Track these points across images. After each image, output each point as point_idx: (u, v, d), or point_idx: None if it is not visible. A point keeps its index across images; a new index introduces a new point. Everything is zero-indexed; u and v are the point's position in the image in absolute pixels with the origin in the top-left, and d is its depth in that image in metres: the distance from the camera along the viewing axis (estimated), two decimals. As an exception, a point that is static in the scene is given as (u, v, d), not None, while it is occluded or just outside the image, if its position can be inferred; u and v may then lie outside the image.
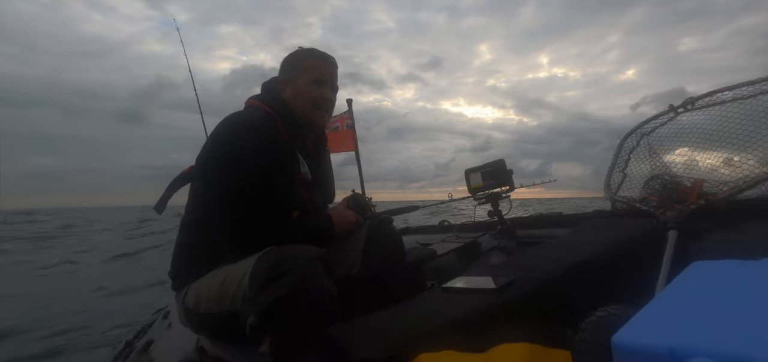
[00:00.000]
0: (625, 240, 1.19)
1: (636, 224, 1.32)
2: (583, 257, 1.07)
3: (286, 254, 0.89)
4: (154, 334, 1.72)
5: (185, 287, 1.09)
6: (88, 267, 7.41)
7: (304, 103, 1.19)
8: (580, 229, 1.47)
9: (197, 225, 1.12)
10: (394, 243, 1.30)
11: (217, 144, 1.08)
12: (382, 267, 1.23)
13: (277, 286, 0.84)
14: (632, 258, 1.13)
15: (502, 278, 1.00)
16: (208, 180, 1.07)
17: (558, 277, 0.99)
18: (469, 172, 2.07)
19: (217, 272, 1.02)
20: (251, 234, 1.02)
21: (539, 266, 1.06)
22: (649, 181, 1.64)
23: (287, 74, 1.22)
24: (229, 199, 1.02)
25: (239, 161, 1.03)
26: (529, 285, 0.95)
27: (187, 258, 1.12)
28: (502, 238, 1.93)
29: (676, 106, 1.69)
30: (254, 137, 1.06)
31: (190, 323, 1.12)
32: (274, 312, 0.83)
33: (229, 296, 0.97)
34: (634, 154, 1.80)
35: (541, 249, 1.35)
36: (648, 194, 1.56)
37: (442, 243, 2.07)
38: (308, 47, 1.26)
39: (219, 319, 1.00)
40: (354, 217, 1.28)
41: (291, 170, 1.13)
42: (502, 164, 1.95)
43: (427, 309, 0.97)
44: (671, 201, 1.41)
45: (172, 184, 1.20)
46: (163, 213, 1.21)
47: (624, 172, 1.80)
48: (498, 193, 1.97)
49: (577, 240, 1.32)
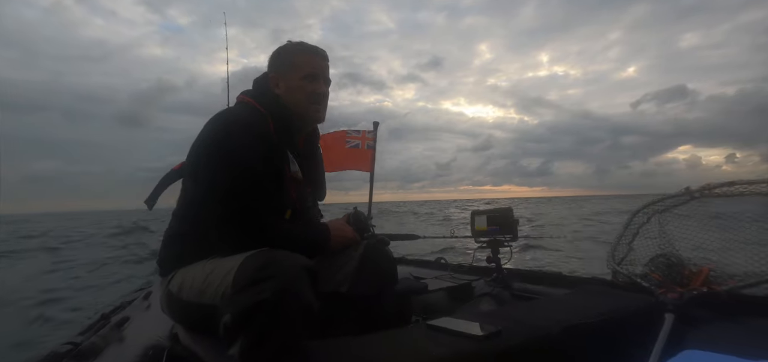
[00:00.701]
0: (620, 313, 1.15)
1: (635, 299, 1.28)
2: (575, 321, 1.04)
3: (273, 258, 0.87)
4: (132, 312, 1.70)
5: (171, 272, 1.08)
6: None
7: (298, 98, 1.18)
8: (576, 293, 1.43)
9: (188, 218, 1.10)
10: (387, 267, 1.28)
11: (208, 141, 1.07)
12: (372, 290, 1.21)
13: (259, 290, 0.81)
14: (625, 333, 1.09)
15: (489, 326, 0.97)
16: (199, 177, 1.07)
17: (547, 336, 0.96)
18: (475, 213, 2.06)
19: (205, 263, 1.00)
20: (242, 232, 1.01)
21: (529, 321, 1.03)
22: (654, 258, 1.61)
23: (278, 69, 1.20)
24: (220, 197, 1.01)
25: (230, 159, 1.02)
26: (515, 339, 0.92)
27: (177, 247, 1.10)
28: (496, 287, 1.89)
29: (693, 190, 1.67)
30: (245, 134, 1.05)
31: (170, 309, 1.09)
32: (251, 315, 0.81)
33: (211, 290, 0.95)
34: (643, 230, 1.77)
35: (534, 305, 1.32)
36: (651, 271, 1.52)
37: (434, 280, 2.03)
38: (297, 41, 1.23)
39: (198, 310, 0.98)
40: (352, 234, 1.26)
41: (280, 168, 1.12)
42: (509, 213, 1.94)
43: (409, 343, 0.95)
44: (674, 283, 1.37)
45: (163, 180, 1.20)
46: (153, 208, 1.20)
47: (630, 245, 1.76)
48: (500, 241, 1.95)
49: (572, 302, 1.29)
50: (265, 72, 1.25)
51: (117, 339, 1.37)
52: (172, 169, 1.20)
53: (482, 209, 2.03)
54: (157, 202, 1.21)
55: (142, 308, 1.76)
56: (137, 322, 1.55)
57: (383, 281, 1.25)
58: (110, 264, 7.74)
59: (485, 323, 1.00)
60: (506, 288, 1.88)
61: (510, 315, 1.12)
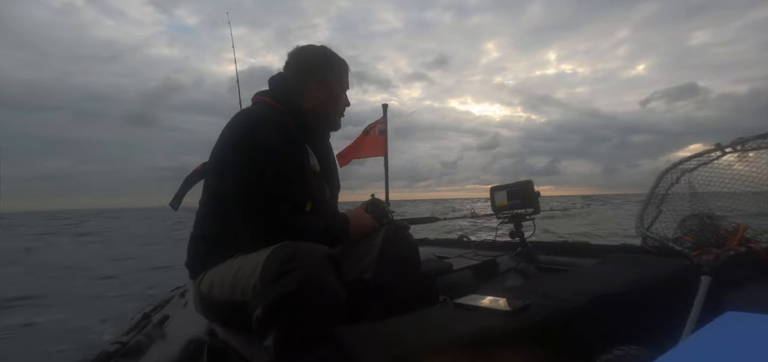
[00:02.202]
0: (653, 279, 1.12)
1: (667, 264, 1.25)
2: (605, 290, 1.02)
3: (297, 250, 0.90)
4: (170, 310, 1.78)
5: (201, 274, 1.12)
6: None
7: (337, 107, 1.31)
8: (605, 261, 1.40)
9: (213, 218, 1.14)
10: (409, 252, 1.29)
11: (233, 139, 1.10)
12: (396, 276, 1.22)
13: (285, 282, 0.84)
14: (659, 299, 1.06)
15: (517, 301, 0.97)
16: (225, 174, 1.10)
17: (577, 308, 0.95)
18: (494, 189, 2.03)
19: (233, 261, 1.04)
20: (268, 226, 1.03)
21: (558, 294, 1.02)
22: (685, 219, 1.55)
23: (325, 75, 1.26)
24: (247, 192, 1.05)
25: (255, 154, 1.06)
26: (544, 312, 0.92)
27: (204, 248, 1.14)
28: (522, 261, 1.88)
29: (724, 145, 1.59)
30: (268, 131, 1.08)
31: (203, 308, 1.14)
32: (280, 307, 0.84)
33: (240, 286, 0.98)
34: (672, 191, 1.71)
35: (561, 277, 1.30)
36: (683, 234, 1.47)
37: (458, 259, 2.03)
38: (333, 52, 1.31)
39: (230, 307, 1.02)
40: (371, 221, 1.27)
41: (301, 163, 1.16)
42: (529, 185, 1.91)
43: (436, 322, 0.95)
44: (708, 245, 1.32)
45: (186, 181, 1.23)
46: (178, 209, 1.23)
47: (659, 208, 1.70)
48: (522, 214, 1.92)
49: (601, 272, 1.27)
50: (280, 72, 1.29)
51: (160, 337, 1.44)
52: (194, 170, 1.23)
53: (501, 185, 2.00)
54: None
55: (179, 305, 1.84)
56: (176, 319, 1.63)
57: (406, 265, 1.26)
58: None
59: (512, 298, 1.00)
60: (531, 261, 1.86)
61: (537, 288, 1.12)
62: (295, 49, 1.30)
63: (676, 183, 1.72)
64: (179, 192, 1.24)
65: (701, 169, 1.67)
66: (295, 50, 1.29)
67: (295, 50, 1.29)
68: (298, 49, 1.29)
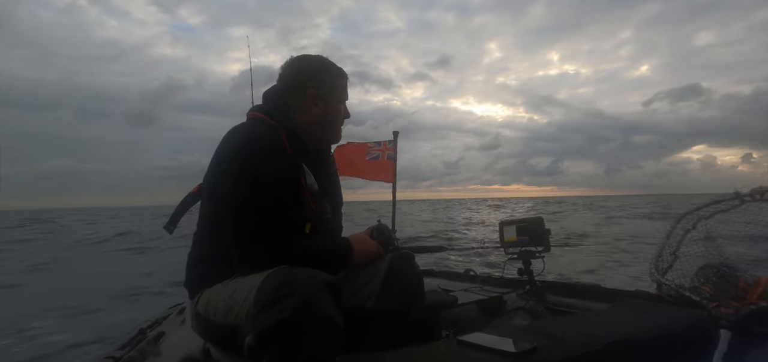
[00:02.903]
0: (670, 329, 1.07)
1: (684, 314, 1.19)
2: (621, 337, 0.97)
3: (293, 275, 0.87)
4: (167, 327, 1.75)
5: (198, 294, 1.10)
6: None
7: (334, 121, 1.23)
8: (618, 306, 1.34)
9: (209, 240, 1.11)
10: (414, 282, 1.25)
11: (225, 161, 1.07)
12: (399, 306, 1.18)
13: (280, 308, 0.81)
14: (676, 351, 1.01)
15: (524, 343, 0.92)
16: (218, 197, 1.07)
17: (588, 354, 0.90)
18: (504, 223, 2.00)
19: (228, 283, 1.01)
20: (265, 251, 1.00)
21: (568, 338, 0.97)
22: (702, 268, 1.49)
23: (320, 88, 1.19)
24: (241, 216, 1.01)
25: (248, 178, 1.01)
26: (554, 357, 0.87)
27: (200, 271, 1.11)
28: (530, 300, 1.82)
29: (743, 193, 1.55)
30: (262, 151, 1.04)
31: (199, 329, 1.11)
32: (274, 334, 0.81)
33: (235, 310, 0.96)
34: (688, 237, 1.65)
35: (572, 320, 1.25)
36: (701, 283, 1.41)
37: (464, 293, 1.98)
38: (329, 60, 1.25)
39: (225, 330, 0.99)
40: (375, 247, 1.25)
41: (297, 182, 1.11)
42: (540, 222, 1.87)
43: (439, 358, 0.92)
44: (727, 297, 1.26)
45: (182, 204, 1.21)
46: (173, 232, 1.21)
47: (675, 254, 1.65)
48: (531, 252, 1.88)
49: (614, 317, 1.21)
50: (274, 85, 1.23)
51: (153, 354, 1.41)
52: (190, 192, 1.21)
53: (511, 219, 1.96)
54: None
55: (176, 323, 1.81)
56: (172, 337, 1.60)
57: (410, 295, 1.22)
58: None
59: (519, 339, 0.95)
60: (540, 301, 1.80)
61: (546, 330, 1.07)
62: (288, 61, 1.24)
63: (692, 230, 1.67)
64: (175, 215, 1.21)
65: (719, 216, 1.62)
66: (288, 62, 1.24)
67: (288, 62, 1.24)
68: (291, 61, 1.24)
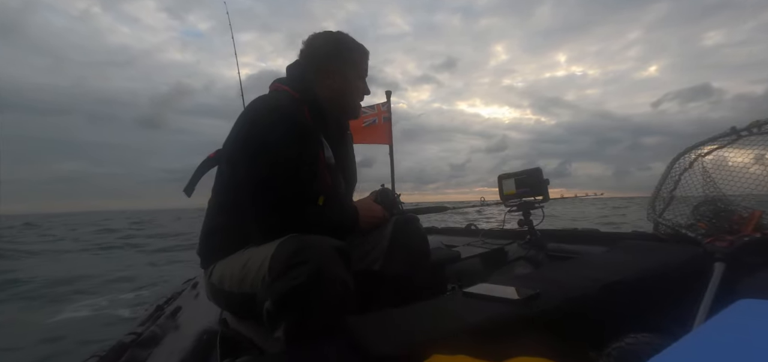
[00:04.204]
0: (666, 266, 1.11)
1: (680, 250, 1.23)
2: (617, 278, 1.01)
3: (305, 243, 0.90)
4: (183, 302, 1.82)
5: (212, 265, 1.13)
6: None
7: (353, 96, 1.25)
8: (616, 249, 1.39)
9: (224, 209, 1.13)
10: (419, 243, 1.29)
11: (246, 129, 1.08)
12: (406, 267, 1.22)
13: (295, 275, 0.84)
14: (672, 287, 1.05)
15: (526, 290, 0.96)
16: (236, 165, 1.08)
17: (587, 296, 0.94)
18: (502, 177, 2.02)
19: (242, 253, 1.04)
20: (278, 221, 1.03)
21: (568, 282, 1.01)
22: (699, 205, 1.52)
23: (337, 63, 1.21)
24: (257, 186, 1.03)
25: (267, 147, 1.03)
26: (555, 301, 0.91)
27: (215, 240, 1.14)
28: (531, 249, 1.87)
29: (739, 128, 1.55)
30: (282, 122, 1.05)
31: (214, 299, 1.16)
32: (289, 299, 0.85)
33: (249, 279, 0.99)
34: (685, 176, 1.67)
35: (571, 265, 1.29)
36: (696, 220, 1.45)
37: (467, 247, 2.03)
38: (348, 36, 1.24)
39: (241, 299, 1.03)
40: (381, 212, 1.27)
41: (316, 155, 1.13)
42: (538, 173, 1.89)
43: (446, 311, 0.96)
44: (722, 231, 1.29)
45: (199, 168, 1.22)
46: (191, 195, 1.21)
47: (672, 194, 1.67)
48: (531, 202, 1.91)
49: (612, 259, 1.25)
50: (297, 60, 1.25)
51: (173, 327, 1.47)
52: (208, 156, 1.22)
53: (509, 172, 1.98)
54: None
55: (191, 297, 1.88)
56: (189, 310, 1.66)
57: (416, 256, 1.26)
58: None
59: (522, 286, 0.99)
60: (541, 249, 1.85)
61: (546, 276, 1.11)
62: (309, 37, 1.25)
63: (690, 169, 1.68)
64: (193, 179, 1.22)
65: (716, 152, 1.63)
66: (309, 38, 1.24)
67: (309, 38, 1.24)
68: (312, 37, 1.24)
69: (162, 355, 1.20)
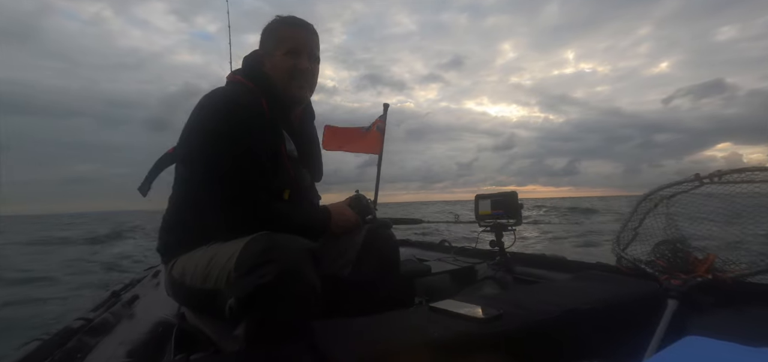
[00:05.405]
0: (623, 298, 1.15)
1: (638, 285, 1.28)
2: (576, 305, 1.04)
3: (275, 241, 0.88)
4: (141, 290, 1.74)
5: (173, 259, 1.08)
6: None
7: (281, 75, 1.13)
8: (579, 278, 1.43)
9: (184, 205, 1.09)
10: (390, 252, 1.29)
11: (201, 123, 1.04)
12: (374, 275, 1.22)
13: (262, 272, 0.82)
14: (628, 318, 1.09)
15: (491, 309, 0.98)
16: (195, 162, 1.04)
17: (546, 320, 0.97)
18: (479, 197, 2.05)
19: (207, 249, 1.00)
20: (241, 215, 1.00)
21: (530, 305, 1.03)
22: (659, 244, 1.60)
23: (264, 45, 1.16)
24: (220, 181, 1.00)
25: (225, 140, 0.99)
26: (515, 322, 0.93)
27: (176, 235, 1.09)
28: (499, 270, 1.90)
29: (702, 176, 1.64)
30: (237, 115, 1.01)
31: (174, 293, 1.10)
32: (255, 298, 0.82)
33: (214, 275, 0.95)
34: (649, 216, 1.76)
35: (535, 289, 1.32)
36: (656, 257, 1.52)
37: (438, 262, 2.05)
38: (286, 15, 1.18)
39: (202, 295, 0.99)
40: (354, 217, 1.26)
41: (276, 148, 1.09)
42: (513, 197, 1.93)
43: (411, 324, 0.96)
44: (678, 270, 1.36)
45: (156, 164, 1.17)
46: (147, 194, 1.17)
47: (636, 231, 1.75)
48: (503, 224, 1.95)
49: (573, 287, 1.29)
50: (255, 49, 1.20)
51: (127, 316, 1.40)
52: (166, 152, 1.17)
53: (486, 193, 2.02)
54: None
55: (151, 286, 1.81)
56: (146, 300, 1.59)
57: (386, 265, 1.26)
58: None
59: (487, 306, 1.01)
60: (509, 271, 1.89)
61: (511, 298, 1.13)
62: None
63: (654, 209, 1.77)
64: (149, 177, 1.17)
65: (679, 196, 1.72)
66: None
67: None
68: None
69: (111, 344, 1.14)
